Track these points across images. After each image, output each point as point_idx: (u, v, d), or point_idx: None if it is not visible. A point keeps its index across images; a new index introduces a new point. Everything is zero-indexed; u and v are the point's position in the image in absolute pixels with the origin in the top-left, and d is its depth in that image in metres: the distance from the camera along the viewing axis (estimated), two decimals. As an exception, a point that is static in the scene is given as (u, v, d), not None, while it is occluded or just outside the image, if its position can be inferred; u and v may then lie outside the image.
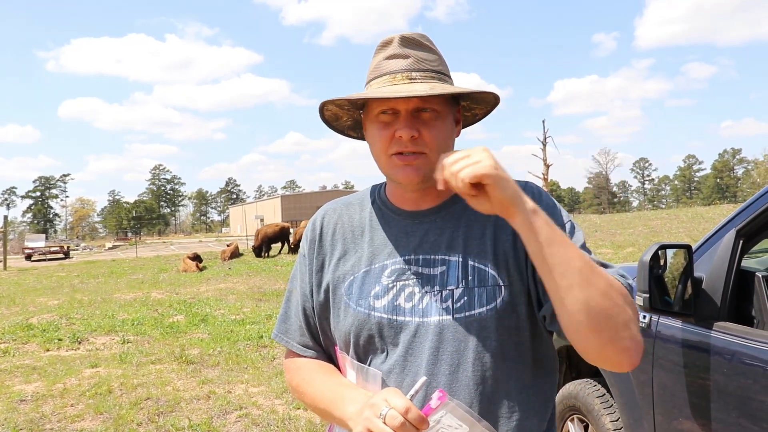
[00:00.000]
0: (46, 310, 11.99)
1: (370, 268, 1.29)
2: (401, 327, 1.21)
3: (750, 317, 2.27)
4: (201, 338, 8.58)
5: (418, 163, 1.21)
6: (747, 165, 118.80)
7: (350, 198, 1.44)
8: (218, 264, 22.50)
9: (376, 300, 1.25)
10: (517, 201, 1.05)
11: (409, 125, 1.18)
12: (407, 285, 1.24)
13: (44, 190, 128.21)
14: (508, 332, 1.19)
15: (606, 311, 1.05)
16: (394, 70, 1.22)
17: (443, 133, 1.22)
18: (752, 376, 1.96)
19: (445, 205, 1.30)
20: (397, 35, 1.25)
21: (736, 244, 2.21)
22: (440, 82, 1.22)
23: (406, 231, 1.29)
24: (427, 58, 1.23)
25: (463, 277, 1.21)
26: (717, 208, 31.35)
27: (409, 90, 1.16)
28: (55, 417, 5.21)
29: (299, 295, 1.41)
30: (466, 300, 1.19)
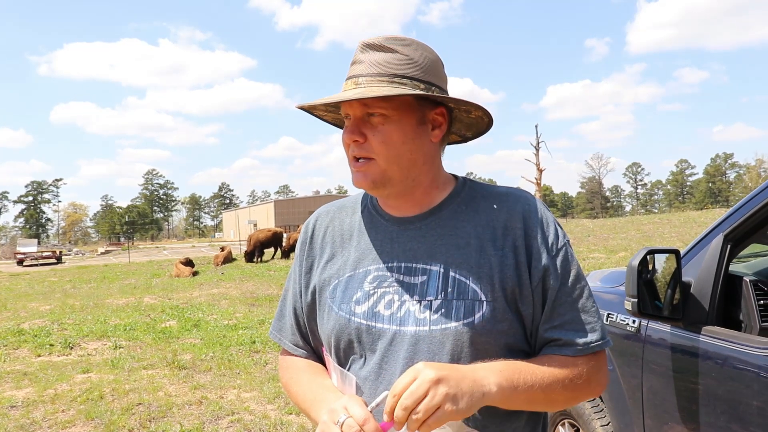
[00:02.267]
0: (37, 316, 11.93)
1: (354, 272, 1.28)
2: (378, 334, 1.21)
3: (738, 321, 2.28)
4: (193, 343, 8.55)
5: (365, 169, 1.21)
6: (739, 169, 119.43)
7: (345, 201, 1.44)
8: (211, 269, 22.44)
9: (357, 305, 1.24)
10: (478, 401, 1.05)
11: (352, 130, 1.19)
12: (388, 292, 1.23)
13: (36, 194, 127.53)
14: (485, 348, 1.16)
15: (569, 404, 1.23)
16: (349, 76, 1.22)
17: (393, 138, 1.19)
18: (740, 380, 1.97)
19: (432, 212, 1.27)
20: (361, 41, 1.24)
21: (724, 248, 2.22)
22: (390, 85, 1.17)
23: (392, 237, 1.28)
24: (382, 61, 1.19)
25: (442, 289, 1.19)
26: (709, 212, 31.51)
27: (335, 96, 1.18)
28: (46, 423, 5.18)
29: (291, 295, 1.42)
30: (444, 312, 1.17)
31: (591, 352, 1.20)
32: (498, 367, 1.11)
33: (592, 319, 1.21)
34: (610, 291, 2.91)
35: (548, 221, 1.24)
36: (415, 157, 1.23)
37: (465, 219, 1.25)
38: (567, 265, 1.22)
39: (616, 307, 2.70)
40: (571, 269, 1.22)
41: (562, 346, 1.19)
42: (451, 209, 1.27)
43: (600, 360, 1.23)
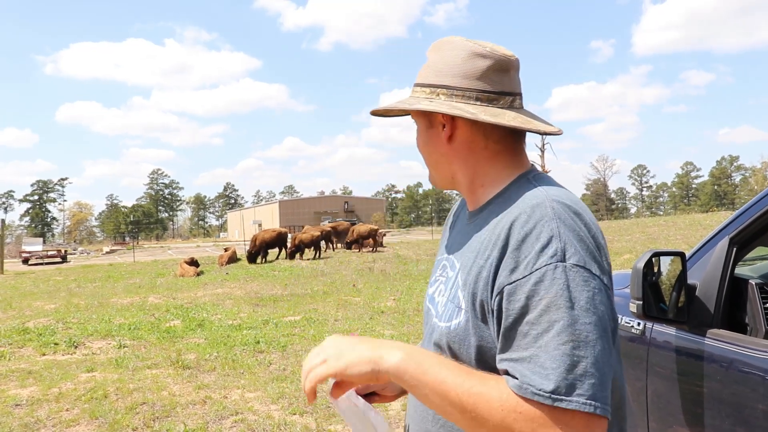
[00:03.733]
0: (42, 314, 11.97)
1: (437, 258, 1.41)
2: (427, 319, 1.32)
3: (743, 324, 2.27)
4: (197, 343, 8.56)
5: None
6: (744, 172, 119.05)
7: None
8: (216, 269, 22.48)
9: (429, 287, 1.36)
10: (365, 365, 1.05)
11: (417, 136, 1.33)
12: (440, 281, 1.31)
13: (42, 193, 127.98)
14: (457, 354, 1.13)
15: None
16: None
17: (420, 143, 1.31)
18: (746, 383, 1.97)
19: (477, 211, 1.26)
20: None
21: (730, 251, 2.22)
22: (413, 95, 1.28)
23: (459, 230, 1.35)
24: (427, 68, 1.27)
25: (451, 287, 1.22)
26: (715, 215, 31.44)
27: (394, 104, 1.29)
28: (50, 421, 5.20)
29: None
30: (443, 310, 1.23)
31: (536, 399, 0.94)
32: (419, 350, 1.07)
33: (552, 364, 0.94)
34: (615, 293, 2.90)
35: (540, 234, 1.02)
36: (435, 159, 1.30)
37: (488, 220, 1.18)
38: (537, 290, 0.98)
39: (621, 309, 2.70)
40: (542, 296, 0.98)
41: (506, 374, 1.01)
42: (489, 209, 1.21)
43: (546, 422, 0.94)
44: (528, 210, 1.07)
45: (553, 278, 0.98)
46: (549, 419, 0.93)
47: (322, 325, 9.54)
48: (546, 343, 0.96)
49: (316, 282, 16.28)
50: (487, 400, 0.97)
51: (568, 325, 0.95)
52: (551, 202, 1.07)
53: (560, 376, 0.93)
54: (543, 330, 0.96)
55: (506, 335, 1.01)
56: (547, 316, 0.97)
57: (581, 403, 0.92)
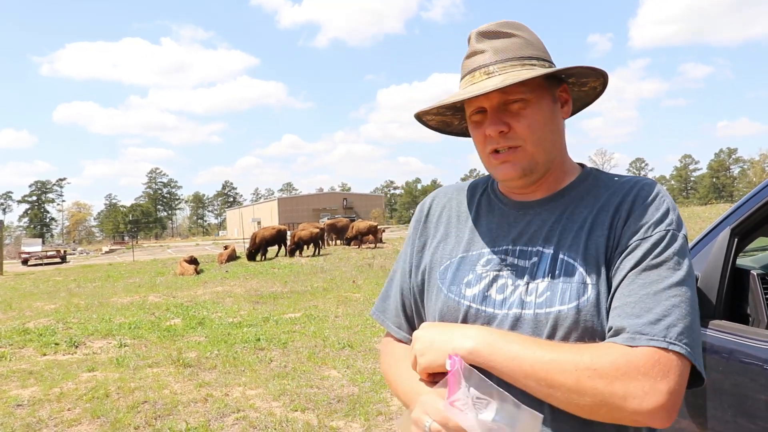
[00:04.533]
0: (42, 315, 11.95)
1: (466, 254, 1.26)
2: (488, 318, 1.17)
3: (745, 315, 2.27)
4: (198, 341, 8.56)
5: (514, 158, 1.18)
6: (743, 164, 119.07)
7: (463, 184, 1.43)
8: (215, 267, 22.46)
9: (468, 288, 1.21)
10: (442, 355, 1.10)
11: (495, 121, 1.16)
12: (501, 276, 1.19)
13: (40, 194, 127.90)
14: (589, 334, 1.09)
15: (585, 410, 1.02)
16: (473, 68, 1.20)
17: (537, 121, 1.17)
18: (748, 374, 1.96)
19: (554, 197, 1.24)
20: (475, 31, 1.23)
21: (731, 242, 2.21)
22: (522, 68, 1.17)
23: (509, 221, 1.26)
24: (506, 47, 1.19)
25: (549, 271, 1.15)
26: (714, 207, 31.43)
27: (479, 87, 1.14)
28: (52, 421, 5.19)
29: (400, 275, 1.40)
30: (549, 295, 1.12)
31: (643, 344, 1.00)
32: (490, 331, 1.11)
33: (662, 311, 1.03)
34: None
35: (660, 205, 1.14)
36: (555, 138, 1.22)
37: (584, 204, 1.21)
38: (656, 248, 1.09)
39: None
40: (660, 254, 1.08)
41: (614, 334, 1.05)
42: (572, 195, 1.23)
43: (659, 366, 0.99)
44: (647, 186, 1.17)
45: (670, 242, 1.10)
46: (662, 368, 0.99)
47: (322, 322, 9.54)
48: (659, 292, 1.05)
49: (315, 279, 16.27)
50: (559, 364, 1.02)
51: (685, 286, 1.07)
52: (654, 183, 1.19)
53: (674, 326, 1.02)
54: (656, 281, 1.06)
55: (618, 285, 1.09)
56: (664, 272, 1.07)
57: (686, 351, 1.01)
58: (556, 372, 1.01)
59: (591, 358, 1.01)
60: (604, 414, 1.01)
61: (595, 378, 0.99)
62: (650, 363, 0.99)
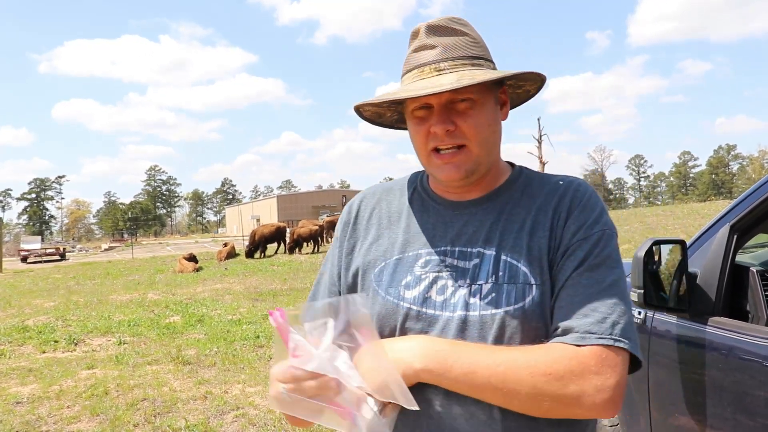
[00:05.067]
0: (42, 312, 11.95)
1: (402, 255, 1.23)
2: (429, 320, 1.15)
3: (745, 312, 2.27)
4: (197, 339, 8.56)
5: (458, 159, 1.17)
6: (742, 161, 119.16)
7: (392, 184, 1.40)
8: (214, 264, 22.46)
9: (407, 290, 1.19)
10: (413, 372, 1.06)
11: (443, 119, 1.14)
12: (440, 277, 1.18)
13: (39, 192, 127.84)
14: (534, 334, 1.11)
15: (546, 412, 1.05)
16: (422, 63, 1.17)
17: (483, 121, 1.16)
18: (747, 371, 1.96)
19: (490, 197, 1.24)
20: (424, 24, 1.20)
21: (731, 239, 2.21)
22: (473, 68, 1.16)
23: (445, 221, 1.24)
24: (457, 44, 1.18)
25: (493, 272, 1.14)
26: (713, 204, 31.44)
27: (434, 84, 1.11)
28: (51, 419, 5.19)
29: (328, 277, 1.37)
30: (494, 296, 1.12)
31: (592, 344, 1.05)
32: (437, 346, 1.08)
33: (606, 310, 1.08)
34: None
35: (592, 206, 1.18)
36: (496, 139, 1.22)
37: (521, 204, 1.21)
38: (595, 249, 1.13)
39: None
40: (599, 254, 1.13)
41: (562, 333, 1.09)
42: (507, 195, 1.24)
43: (604, 362, 1.04)
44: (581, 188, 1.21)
45: (605, 242, 1.15)
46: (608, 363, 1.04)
47: (321, 319, 9.52)
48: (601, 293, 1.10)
49: (314, 276, 16.25)
50: (514, 372, 1.03)
51: (619, 280, 1.12)
52: (586, 183, 1.23)
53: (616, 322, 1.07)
54: (597, 281, 1.11)
55: (563, 286, 1.12)
56: (602, 272, 1.12)
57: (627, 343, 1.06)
58: (512, 382, 1.03)
59: (545, 362, 1.03)
60: (559, 413, 1.05)
61: (552, 382, 1.02)
62: (599, 361, 1.04)
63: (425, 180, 1.34)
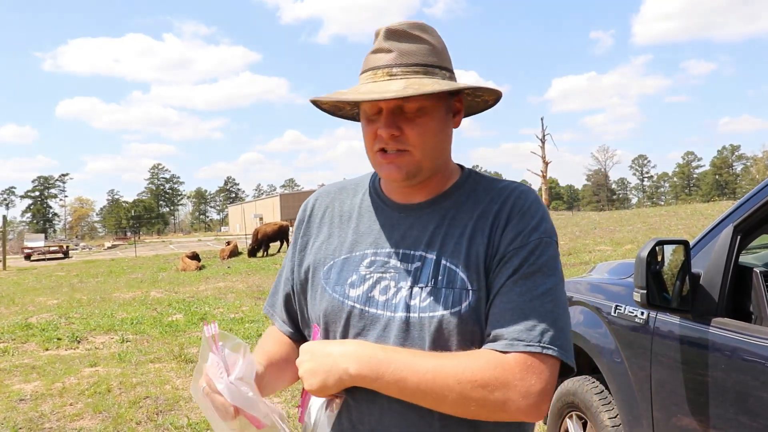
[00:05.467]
0: (45, 310, 11.98)
1: (350, 255, 1.27)
2: (372, 319, 1.20)
3: (748, 313, 2.26)
4: (200, 337, 8.53)
5: (400, 161, 1.19)
6: (746, 161, 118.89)
7: (346, 183, 1.44)
8: (217, 263, 22.50)
9: (352, 288, 1.23)
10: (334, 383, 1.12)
11: (389, 124, 1.16)
12: (384, 278, 1.22)
13: (43, 190, 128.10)
14: (470, 338, 1.15)
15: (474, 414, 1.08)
16: (376, 66, 1.19)
17: (429, 130, 1.18)
18: (750, 372, 1.96)
19: (436, 201, 1.27)
20: (384, 27, 1.20)
21: (734, 239, 2.20)
22: (425, 76, 1.17)
23: (392, 223, 1.27)
24: (412, 51, 1.18)
25: (433, 276, 1.18)
26: (716, 204, 31.37)
27: (382, 90, 1.13)
28: (54, 416, 5.21)
29: (287, 272, 1.42)
30: (432, 300, 1.16)
31: (520, 350, 1.07)
32: (370, 353, 1.11)
33: (537, 318, 1.10)
34: (618, 283, 2.89)
35: (531, 214, 1.19)
36: (443, 146, 1.24)
37: (464, 210, 1.24)
38: (531, 257, 1.15)
39: (624, 298, 2.69)
40: (534, 261, 1.14)
41: (492, 340, 1.11)
42: (453, 199, 1.27)
43: (529, 368, 1.07)
44: (522, 195, 1.22)
45: (543, 250, 1.16)
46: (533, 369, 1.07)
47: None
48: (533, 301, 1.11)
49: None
50: (443, 380, 1.06)
51: (554, 290, 1.14)
52: (529, 190, 1.24)
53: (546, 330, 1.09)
54: (530, 289, 1.12)
55: (497, 293, 1.14)
56: (537, 280, 1.13)
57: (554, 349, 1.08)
58: (440, 388, 1.07)
59: (472, 370, 1.06)
60: (487, 416, 1.09)
61: (477, 388, 1.06)
62: (525, 368, 1.07)
63: (377, 181, 1.37)
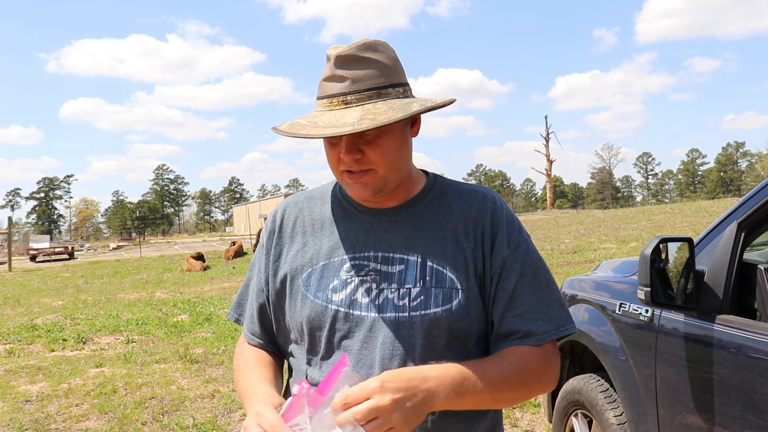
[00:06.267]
0: (50, 311, 12.03)
1: (329, 261, 1.30)
2: (357, 321, 1.23)
3: (752, 310, 2.26)
4: (205, 337, 8.59)
5: (366, 180, 1.22)
6: (751, 158, 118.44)
7: (312, 192, 1.46)
8: (222, 263, 22.54)
9: (334, 293, 1.26)
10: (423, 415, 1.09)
11: (350, 149, 1.19)
12: (365, 281, 1.25)
13: (48, 191, 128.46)
14: (459, 334, 1.23)
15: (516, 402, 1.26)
16: (331, 95, 1.20)
17: (390, 148, 1.21)
18: (755, 369, 1.95)
19: (407, 205, 1.32)
20: (333, 54, 1.21)
21: (738, 236, 2.20)
22: (379, 99, 1.18)
23: (367, 227, 1.31)
24: (364, 76, 1.19)
25: (420, 277, 1.24)
26: (721, 201, 31.30)
27: (339, 122, 1.13)
28: (60, 417, 5.23)
29: (255, 283, 1.43)
30: (422, 299, 1.22)
31: (549, 340, 1.24)
32: (450, 374, 1.14)
33: (551, 309, 1.26)
34: (623, 281, 2.89)
35: (511, 218, 1.32)
36: (406, 158, 1.28)
37: (438, 213, 1.31)
38: (527, 257, 1.28)
39: (628, 296, 2.68)
40: (531, 261, 1.29)
41: (523, 337, 1.24)
42: (424, 203, 1.33)
43: (552, 353, 1.26)
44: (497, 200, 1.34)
45: (532, 248, 1.31)
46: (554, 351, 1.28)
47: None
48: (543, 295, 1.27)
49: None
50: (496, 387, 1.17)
51: (551, 279, 1.31)
52: (497, 195, 1.37)
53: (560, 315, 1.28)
54: (537, 285, 1.27)
55: (511, 296, 1.25)
56: (539, 276, 1.28)
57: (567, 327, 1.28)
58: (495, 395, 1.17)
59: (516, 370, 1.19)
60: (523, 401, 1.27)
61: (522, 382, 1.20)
62: (552, 353, 1.26)
63: (343, 188, 1.37)
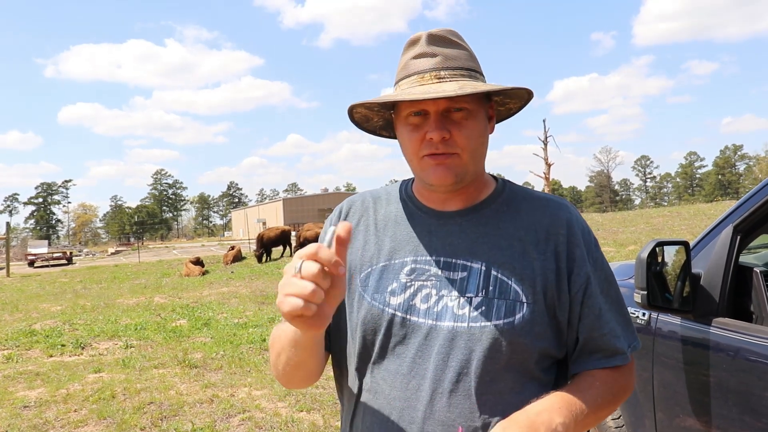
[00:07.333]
0: (49, 316, 12.00)
1: (389, 263, 1.26)
2: (413, 328, 1.18)
3: (749, 313, 2.27)
4: (204, 342, 8.58)
5: (449, 162, 1.18)
6: (749, 161, 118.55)
7: (378, 191, 1.42)
8: (221, 268, 22.51)
9: (392, 296, 1.22)
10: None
11: (440, 126, 1.16)
12: (425, 286, 1.20)
13: (46, 196, 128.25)
14: (521, 349, 1.16)
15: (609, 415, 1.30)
16: (422, 70, 1.19)
17: (475, 132, 1.19)
18: (752, 372, 1.96)
19: (474, 209, 1.27)
20: (425, 33, 1.22)
21: (734, 239, 2.21)
22: (470, 79, 1.19)
23: (431, 230, 1.26)
24: (455, 55, 1.20)
25: (483, 286, 1.18)
26: (719, 204, 31.29)
27: (437, 90, 1.12)
28: (59, 422, 5.22)
29: None
30: (484, 309, 1.16)
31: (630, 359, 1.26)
32: (557, 404, 1.11)
33: (629, 326, 1.28)
34: (620, 284, 2.89)
35: (588, 230, 1.27)
36: (484, 151, 1.25)
37: (507, 219, 1.25)
38: (605, 272, 1.26)
39: (625, 300, 2.69)
40: (608, 276, 1.27)
41: (610, 356, 1.23)
42: (493, 208, 1.27)
43: (632, 366, 1.29)
44: (572, 211, 1.28)
45: (605, 261, 1.29)
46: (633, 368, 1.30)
47: (327, 322, 9.54)
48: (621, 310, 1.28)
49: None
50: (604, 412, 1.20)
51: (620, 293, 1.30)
52: (572, 205, 1.31)
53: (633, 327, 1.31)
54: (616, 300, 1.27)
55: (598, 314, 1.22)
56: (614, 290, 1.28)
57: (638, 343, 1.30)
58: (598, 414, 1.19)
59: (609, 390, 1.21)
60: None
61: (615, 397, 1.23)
62: (632, 365, 1.29)
63: (410, 189, 1.36)
